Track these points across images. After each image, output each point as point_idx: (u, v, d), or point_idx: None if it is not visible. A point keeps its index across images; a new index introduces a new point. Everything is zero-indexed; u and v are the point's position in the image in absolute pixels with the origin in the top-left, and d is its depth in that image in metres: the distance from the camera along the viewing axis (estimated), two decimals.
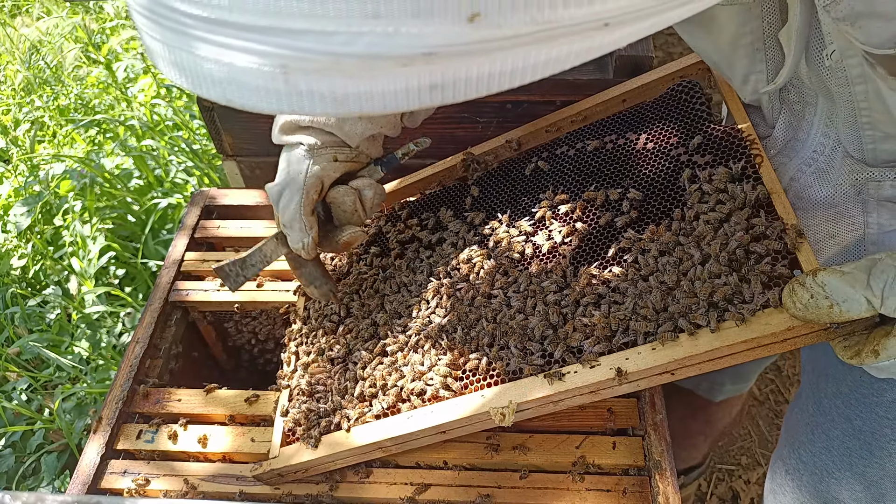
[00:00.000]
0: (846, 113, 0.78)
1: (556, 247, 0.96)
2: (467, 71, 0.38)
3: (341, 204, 1.01)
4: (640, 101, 1.07)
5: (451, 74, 0.38)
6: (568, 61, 0.39)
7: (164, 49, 0.42)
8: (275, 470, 0.98)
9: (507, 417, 0.84)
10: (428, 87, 0.39)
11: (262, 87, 0.39)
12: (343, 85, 0.38)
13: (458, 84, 0.39)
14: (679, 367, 0.80)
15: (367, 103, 0.39)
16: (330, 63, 0.37)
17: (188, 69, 0.41)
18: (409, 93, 0.39)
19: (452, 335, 0.96)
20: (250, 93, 0.40)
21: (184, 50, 0.41)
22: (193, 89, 0.43)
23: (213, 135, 1.50)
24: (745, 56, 0.84)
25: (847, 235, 0.87)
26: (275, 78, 0.39)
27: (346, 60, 0.37)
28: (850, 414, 1.00)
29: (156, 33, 0.42)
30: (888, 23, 0.61)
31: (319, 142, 0.97)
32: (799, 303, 0.68)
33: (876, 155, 0.80)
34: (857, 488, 1.02)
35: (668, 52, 3.08)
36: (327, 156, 0.98)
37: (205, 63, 0.40)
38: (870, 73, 0.69)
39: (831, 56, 0.72)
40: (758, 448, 2.03)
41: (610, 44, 0.40)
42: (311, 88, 0.39)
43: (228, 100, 0.42)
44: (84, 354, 1.93)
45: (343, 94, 0.39)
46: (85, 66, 3.02)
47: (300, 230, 0.98)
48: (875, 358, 0.65)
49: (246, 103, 0.41)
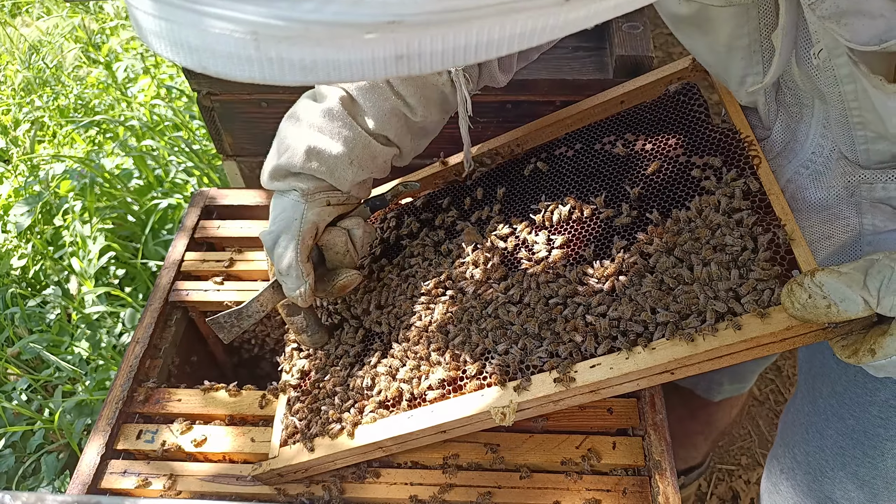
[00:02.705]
0: (838, 113, 0.78)
1: (555, 248, 0.96)
2: (432, 43, 0.39)
3: (333, 246, 1.00)
4: (638, 102, 1.07)
5: (416, 45, 0.39)
6: (532, 38, 0.40)
7: (146, 19, 0.43)
8: (275, 470, 0.98)
9: (507, 417, 0.84)
10: (394, 58, 0.39)
11: (234, 53, 0.40)
12: (312, 53, 0.39)
13: (424, 56, 0.39)
14: (679, 367, 0.80)
15: (334, 72, 0.40)
16: (299, 30, 0.38)
17: (167, 37, 0.42)
18: (374, 62, 0.39)
19: (452, 336, 0.96)
20: (224, 60, 0.41)
21: (163, 18, 0.42)
22: (173, 57, 0.43)
23: (213, 135, 1.50)
24: (741, 57, 0.84)
25: (842, 237, 0.88)
26: (246, 45, 0.39)
27: (315, 28, 0.38)
28: (843, 413, 1.00)
29: (139, 3, 0.43)
30: (873, 20, 0.61)
31: (312, 187, 0.97)
32: (797, 303, 0.68)
33: (869, 156, 0.80)
34: (849, 487, 1.02)
35: (668, 52, 3.08)
36: (320, 200, 0.97)
37: (182, 30, 0.41)
38: (857, 72, 0.70)
39: (819, 55, 0.72)
40: (758, 448, 2.03)
41: (573, 22, 0.40)
42: (280, 55, 0.40)
43: (203, 67, 0.42)
44: (84, 354, 1.93)
45: (312, 61, 0.40)
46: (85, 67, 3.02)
47: (297, 278, 0.96)
48: (872, 357, 0.66)
49: (220, 70, 0.42)
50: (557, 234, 0.97)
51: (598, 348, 0.84)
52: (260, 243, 1.37)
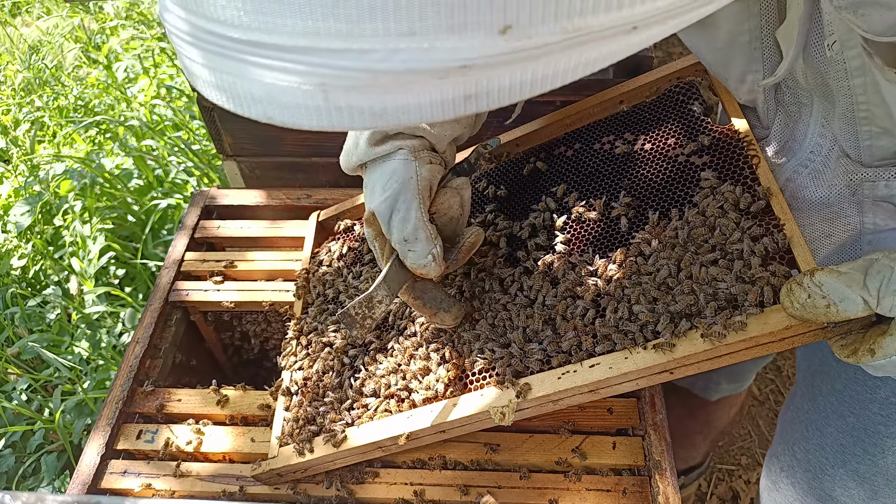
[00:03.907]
0: (844, 108, 0.78)
1: (554, 247, 0.96)
2: (500, 80, 0.40)
3: (448, 210, 0.91)
4: (637, 101, 1.08)
5: (484, 84, 0.40)
6: (596, 64, 0.41)
7: (204, 71, 0.43)
8: (274, 470, 0.98)
9: (507, 416, 0.84)
10: (462, 98, 0.40)
11: (303, 104, 0.41)
12: (381, 100, 0.40)
13: (492, 93, 0.40)
14: (678, 367, 0.80)
15: (404, 115, 0.41)
16: (368, 80, 0.39)
17: (229, 90, 0.43)
18: (444, 104, 0.40)
19: (452, 335, 0.96)
20: (291, 111, 0.42)
21: (224, 72, 0.42)
22: (235, 109, 0.44)
23: (213, 135, 1.50)
24: (741, 54, 0.84)
25: (842, 235, 0.88)
26: (314, 96, 0.40)
27: (384, 76, 0.38)
28: (843, 411, 1.00)
29: (196, 57, 0.43)
30: (890, 11, 0.62)
31: (417, 144, 0.89)
32: (797, 302, 0.68)
33: (872, 152, 0.80)
34: (850, 485, 1.02)
35: (668, 52, 3.08)
36: (425, 158, 0.89)
37: (245, 84, 0.42)
38: (868, 65, 0.70)
39: (832, 46, 0.72)
40: (758, 448, 2.03)
41: (636, 44, 0.41)
42: (350, 104, 0.40)
43: (269, 117, 0.43)
44: (84, 355, 1.93)
45: (381, 108, 0.41)
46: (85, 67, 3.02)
47: (427, 240, 0.85)
48: (871, 356, 0.66)
49: (286, 120, 0.43)
50: (556, 234, 0.97)
51: (597, 347, 0.84)
52: (260, 243, 1.38)
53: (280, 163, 1.54)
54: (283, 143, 1.49)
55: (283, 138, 1.48)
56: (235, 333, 1.42)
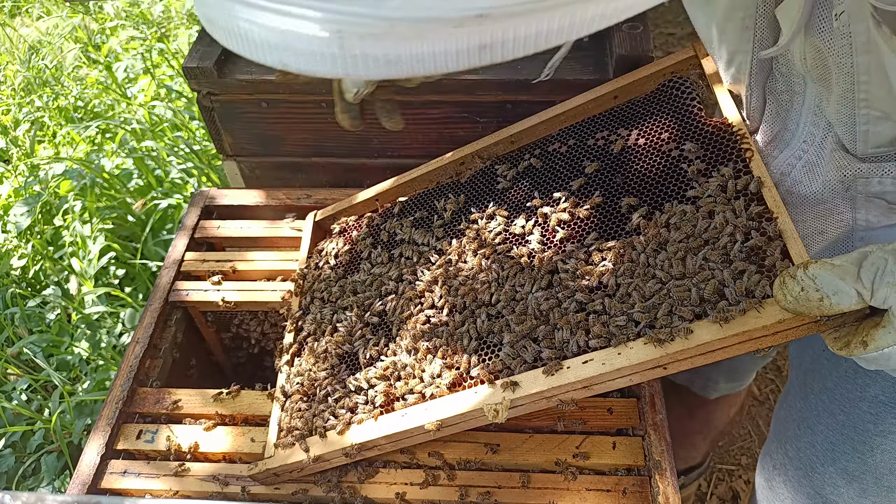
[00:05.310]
0: (842, 90, 0.76)
1: (549, 243, 0.96)
2: (515, 31, 0.40)
3: None
4: (631, 97, 1.08)
5: (499, 35, 0.40)
6: (613, 17, 0.41)
7: (221, 18, 0.44)
8: (270, 469, 0.98)
9: (500, 414, 0.84)
10: (477, 48, 0.40)
11: (318, 52, 0.41)
12: (395, 48, 0.40)
13: (507, 44, 0.40)
14: (671, 362, 0.80)
15: (418, 64, 0.41)
16: (384, 27, 0.39)
17: (245, 37, 0.43)
18: (458, 54, 0.40)
19: (446, 333, 0.96)
20: (306, 58, 0.42)
21: (241, 19, 0.42)
22: (251, 56, 0.44)
23: (213, 135, 1.50)
24: (734, 31, 0.83)
25: (835, 232, 0.88)
26: (330, 43, 0.40)
27: (400, 24, 0.39)
28: (834, 409, 1.00)
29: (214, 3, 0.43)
30: None
31: None
32: (790, 295, 0.68)
33: (868, 138, 0.79)
34: (839, 483, 1.02)
35: (668, 52, 3.08)
36: None
37: (261, 31, 0.42)
38: (875, 42, 0.69)
39: (840, 17, 0.70)
40: (758, 448, 2.03)
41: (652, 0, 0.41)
42: (364, 52, 0.41)
43: (284, 64, 0.43)
44: (84, 355, 1.93)
45: (396, 56, 0.41)
46: (85, 67, 3.02)
47: None
48: (864, 349, 0.65)
49: (301, 67, 0.43)
50: (551, 230, 0.97)
51: (591, 343, 0.84)
52: (259, 243, 1.38)
53: (280, 163, 1.54)
54: (283, 143, 1.49)
55: (283, 138, 1.49)
56: (235, 333, 1.42)
